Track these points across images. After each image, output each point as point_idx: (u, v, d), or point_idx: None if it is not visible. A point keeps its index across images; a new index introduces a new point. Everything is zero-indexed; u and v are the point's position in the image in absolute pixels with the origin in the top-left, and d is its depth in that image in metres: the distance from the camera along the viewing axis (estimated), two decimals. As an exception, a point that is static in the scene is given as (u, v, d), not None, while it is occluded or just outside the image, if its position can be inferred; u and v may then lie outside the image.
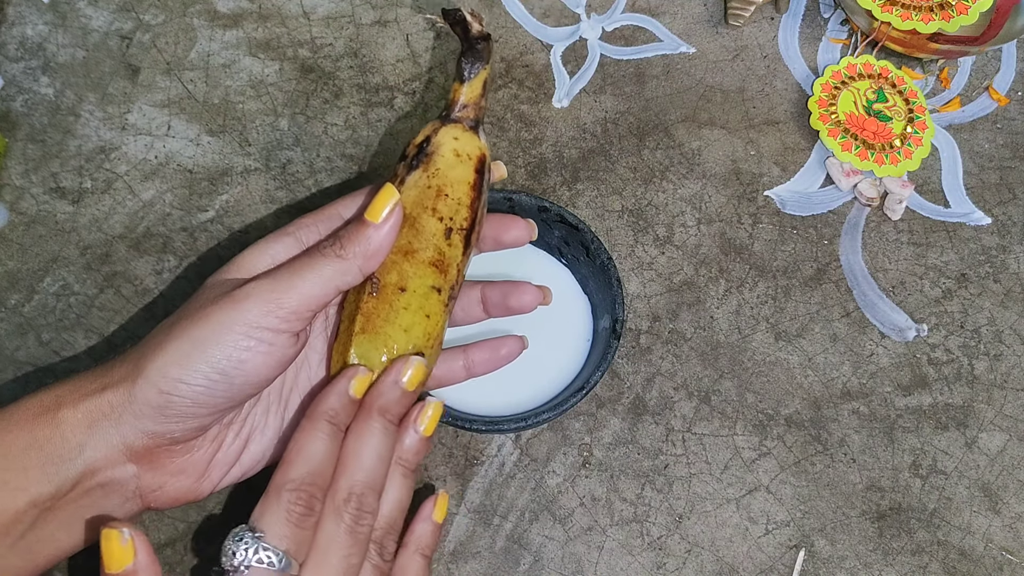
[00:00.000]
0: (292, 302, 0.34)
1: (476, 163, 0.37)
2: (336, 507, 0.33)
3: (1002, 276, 0.50)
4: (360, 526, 0.33)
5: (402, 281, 0.36)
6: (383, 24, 0.56)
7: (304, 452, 0.33)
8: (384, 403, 0.35)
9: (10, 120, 0.52)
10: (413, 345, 0.36)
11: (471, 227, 0.37)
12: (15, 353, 0.46)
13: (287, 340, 0.34)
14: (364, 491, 0.33)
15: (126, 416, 0.33)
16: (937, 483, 0.45)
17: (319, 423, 0.34)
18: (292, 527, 0.32)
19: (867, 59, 0.54)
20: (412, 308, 0.36)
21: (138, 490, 0.35)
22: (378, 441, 0.34)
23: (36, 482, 0.32)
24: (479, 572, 0.43)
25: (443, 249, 0.36)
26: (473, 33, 0.37)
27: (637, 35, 0.57)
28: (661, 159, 0.53)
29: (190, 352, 0.33)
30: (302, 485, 0.32)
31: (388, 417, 0.35)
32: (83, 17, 0.55)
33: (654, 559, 0.43)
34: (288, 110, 0.53)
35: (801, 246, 0.51)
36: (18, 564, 0.33)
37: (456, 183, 0.36)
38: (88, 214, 0.50)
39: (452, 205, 0.36)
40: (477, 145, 0.37)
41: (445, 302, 0.37)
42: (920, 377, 0.48)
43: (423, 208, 0.36)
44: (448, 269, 0.36)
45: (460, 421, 0.41)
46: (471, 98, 0.38)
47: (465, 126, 0.37)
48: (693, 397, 0.47)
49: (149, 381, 0.33)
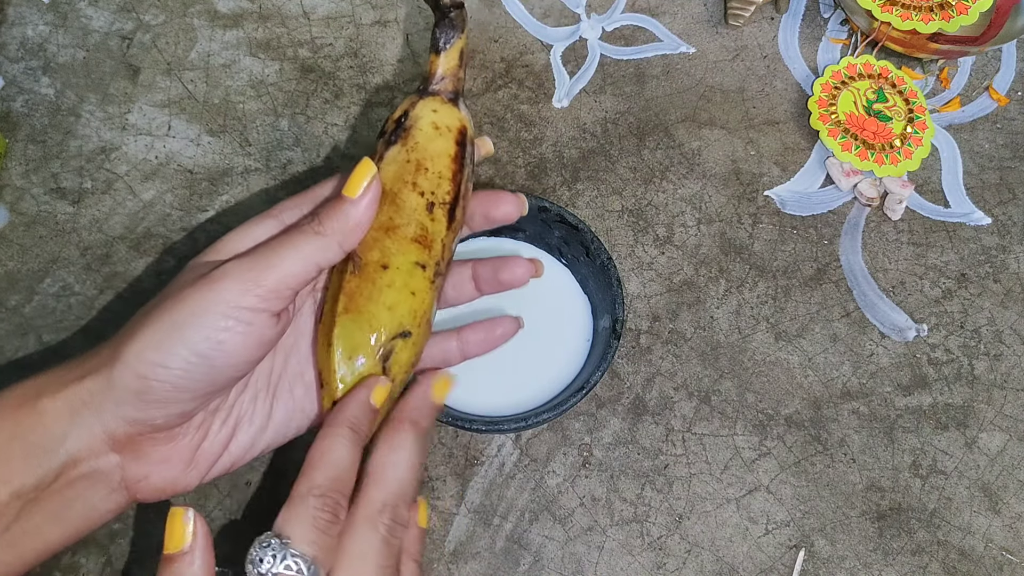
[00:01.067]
0: (270, 280, 0.33)
1: (456, 135, 0.36)
2: (370, 517, 0.32)
3: (1002, 276, 0.50)
4: (395, 537, 0.33)
5: (384, 258, 0.35)
6: (383, 24, 0.56)
7: (327, 458, 0.33)
8: (415, 416, 0.35)
9: (10, 120, 0.52)
10: (399, 323, 0.35)
11: (455, 201, 0.36)
12: (15, 353, 0.46)
13: (267, 320, 0.34)
14: (398, 503, 0.33)
15: (106, 404, 0.33)
16: (937, 483, 0.45)
17: (342, 429, 0.34)
18: (319, 533, 0.31)
19: (867, 59, 0.54)
20: (396, 285, 0.35)
21: (123, 481, 0.35)
22: (410, 453, 0.34)
23: (18, 473, 0.32)
24: (479, 572, 0.43)
25: (426, 224, 0.35)
26: (444, 1, 0.36)
27: (637, 35, 0.57)
28: (661, 159, 0.53)
29: (168, 335, 0.33)
30: (328, 491, 0.32)
31: (418, 430, 0.35)
32: (83, 17, 0.55)
33: (654, 559, 0.43)
34: (288, 110, 0.53)
35: (801, 246, 0.51)
36: (4, 559, 0.33)
37: (436, 156, 0.36)
38: (88, 215, 0.50)
39: (433, 179, 0.36)
40: (457, 117, 0.37)
41: (431, 278, 0.36)
42: (920, 377, 0.48)
43: (403, 183, 0.36)
44: (432, 244, 0.36)
45: (460, 421, 0.41)
46: (448, 69, 0.37)
47: (444, 98, 0.37)
48: (693, 397, 0.47)
49: (127, 366, 0.33)
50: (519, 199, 0.40)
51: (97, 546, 0.42)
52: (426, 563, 0.42)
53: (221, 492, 0.43)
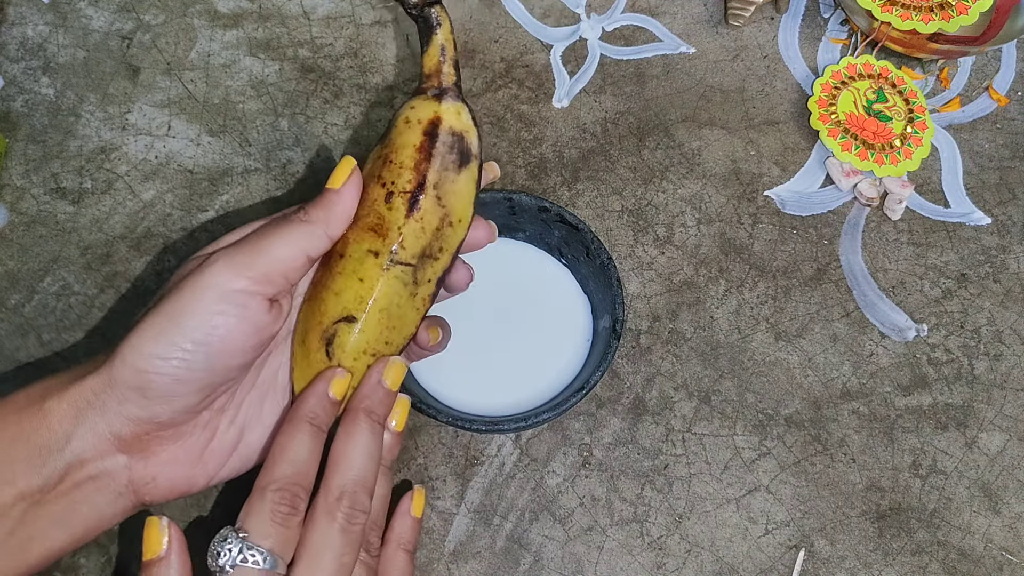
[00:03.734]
0: (260, 264, 0.34)
1: (426, 125, 0.36)
2: (328, 506, 0.33)
3: (1002, 276, 0.50)
4: (353, 525, 0.33)
5: (343, 248, 0.36)
6: (383, 24, 0.56)
7: (287, 452, 0.34)
8: (369, 404, 0.36)
9: (10, 120, 0.52)
10: (343, 308, 0.36)
11: (417, 189, 0.36)
12: (15, 353, 0.46)
13: (260, 304, 0.34)
14: (356, 489, 0.34)
15: (109, 402, 0.33)
16: (937, 483, 0.45)
17: (301, 425, 0.34)
18: (277, 526, 0.32)
19: (867, 59, 0.54)
20: (346, 272, 0.36)
21: (131, 483, 0.35)
22: (367, 440, 0.35)
23: (23, 475, 0.32)
24: (479, 572, 0.43)
25: (382, 213, 0.36)
26: (412, 2, 0.37)
27: (637, 35, 0.57)
28: (661, 159, 0.53)
29: (164, 326, 0.33)
30: (286, 485, 0.33)
31: (374, 418, 0.35)
32: (83, 17, 0.55)
33: (654, 559, 0.43)
34: (288, 110, 0.53)
35: (801, 246, 0.51)
36: (9, 563, 0.33)
37: (401, 147, 0.36)
38: (88, 214, 0.50)
39: (395, 169, 0.36)
40: (432, 109, 0.36)
41: (383, 265, 0.36)
42: (920, 377, 0.48)
43: (372, 177, 0.37)
44: (387, 232, 0.36)
45: (460, 421, 0.41)
46: (430, 67, 0.37)
47: (428, 95, 0.37)
48: (693, 397, 0.47)
49: (125, 361, 0.33)
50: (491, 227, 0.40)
51: (97, 546, 0.42)
52: (426, 563, 0.43)
53: (220, 491, 0.43)
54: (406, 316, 0.37)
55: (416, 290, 0.37)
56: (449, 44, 0.37)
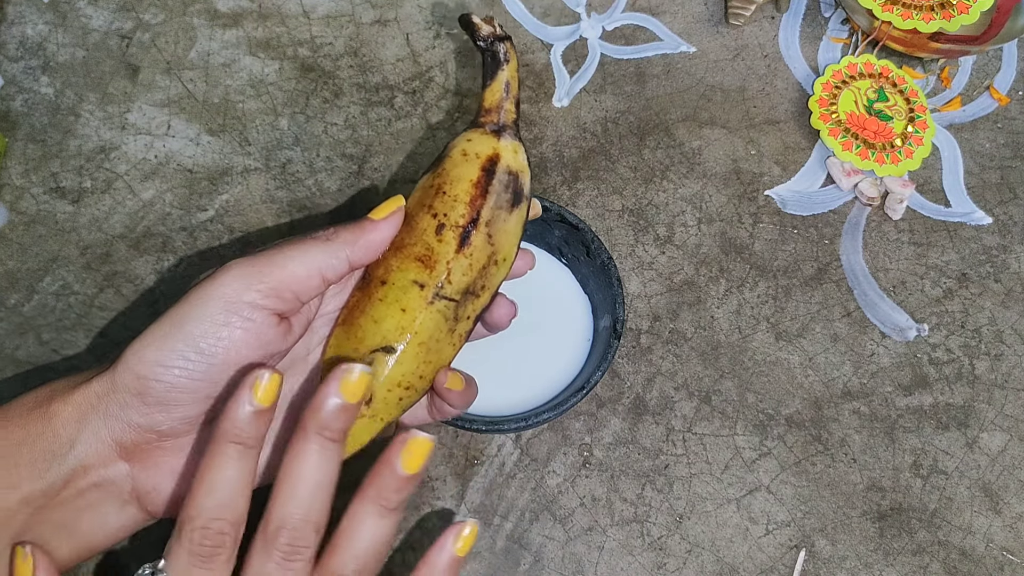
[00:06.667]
0: (272, 278, 0.33)
1: (484, 161, 0.36)
2: (265, 542, 0.30)
3: (1003, 276, 0.50)
4: (291, 562, 0.30)
5: (385, 274, 0.35)
6: (383, 23, 0.56)
7: (207, 482, 0.30)
8: (321, 420, 0.30)
9: (10, 120, 0.52)
10: (383, 337, 0.35)
11: (470, 224, 0.36)
12: (15, 353, 0.46)
13: (268, 319, 0.33)
14: (297, 524, 0.30)
15: (112, 407, 0.32)
16: (938, 483, 0.45)
17: (222, 446, 0.30)
18: (197, 569, 0.29)
19: (868, 58, 0.54)
20: (388, 300, 0.35)
21: (134, 492, 0.34)
22: (315, 463, 0.30)
23: (27, 479, 0.32)
24: (479, 572, 0.43)
25: (432, 244, 0.35)
26: (483, 35, 0.37)
27: (637, 34, 0.56)
28: (661, 158, 0.53)
29: (168, 332, 0.32)
30: (208, 521, 0.30)
31: (327, 435, 0.30)
32: (83, 17, 0.55)
33: (654, 559, 0.43)
34: (288, 109, 0.53)
35: (802, 246, 0.51)
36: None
37: (456, 180, 0.36)
38: (88, 214, 0.50)
39: (448, 201, 0.36)
40: (491, 146, 0.36)
41: (428, 298, 0.35)
42: (921, 377, 0.48)
43: (421, 206, 0.36)
44: (435, 265, 0.35)
45: (460, 421, 0.41)
46: (491, 102, 0.37)
47: (487, 130, 0.37)
48: (693, 397, 0.47)
49: (127, 366, 0.32)
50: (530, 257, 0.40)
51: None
52: (426, 563, 0.42)
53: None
54: (443, 351, 0.36)
55: (455, 326, 0.36)
56: (514, 81, 0.37)
